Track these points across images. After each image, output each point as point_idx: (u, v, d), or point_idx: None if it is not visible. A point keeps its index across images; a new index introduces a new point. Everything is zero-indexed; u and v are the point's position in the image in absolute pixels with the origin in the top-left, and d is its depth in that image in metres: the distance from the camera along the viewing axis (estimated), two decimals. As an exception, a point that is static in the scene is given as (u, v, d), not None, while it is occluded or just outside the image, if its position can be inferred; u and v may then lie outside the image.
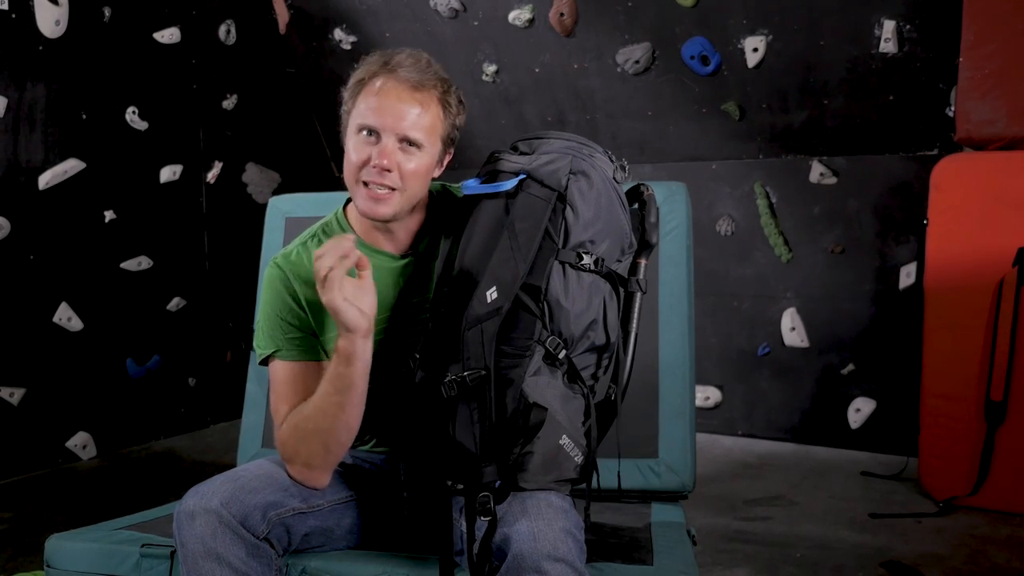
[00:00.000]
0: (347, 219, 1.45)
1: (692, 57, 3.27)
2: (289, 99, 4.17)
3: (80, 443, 3.26)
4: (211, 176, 3.79)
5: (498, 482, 1.19)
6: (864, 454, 3.24)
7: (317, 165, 4.30)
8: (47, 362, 3.16)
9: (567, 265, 1.24)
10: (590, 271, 1.26)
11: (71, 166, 3.21)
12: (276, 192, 3.99)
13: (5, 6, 2.96)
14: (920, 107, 3.06)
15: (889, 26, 2.94)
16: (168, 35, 3.54)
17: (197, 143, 3.73)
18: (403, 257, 1.41)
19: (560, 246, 1.25)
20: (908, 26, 2.93)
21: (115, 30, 3.33)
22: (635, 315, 1.37)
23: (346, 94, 1.37)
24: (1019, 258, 2.55)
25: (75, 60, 3.20)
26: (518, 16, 3.47)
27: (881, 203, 3.23)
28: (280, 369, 1.37)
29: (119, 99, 3.39)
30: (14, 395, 3.05)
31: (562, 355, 1.23)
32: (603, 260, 1.28)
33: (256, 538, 1.22)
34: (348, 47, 3.87)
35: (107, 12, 3.30)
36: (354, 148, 1.32)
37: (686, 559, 1.40)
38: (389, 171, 1.30)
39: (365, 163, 1.30)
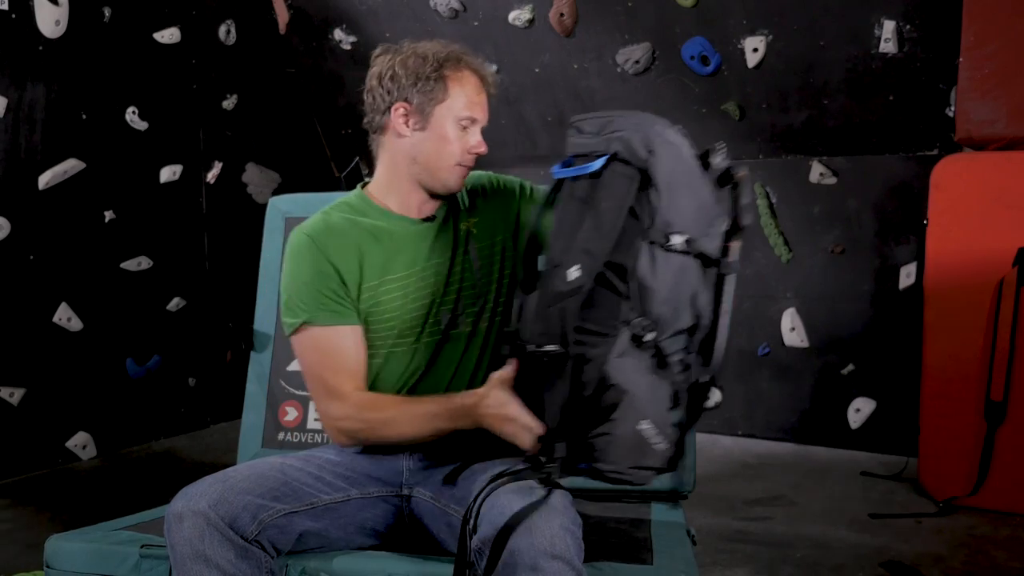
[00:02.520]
0: (371, 197, 1.54)
1: (692, 57, 3.27)
2: (289, 99, 4.17)
3: (80, 443, 3.26)
4: (211, 176, 3.79)
5: (562, 457, 1.19)
6: (864, 454, 3.24)
7: (317, 165, 4.30)
8: (47, 362, 3.16)
9: (654, 245, 1.20)
10: (679, 252, 1.21)
11: (71, 166, 3.21)
12: (276, 192, 3.99)
13: (5, 6, 2.96)
14: (920, 107, 3.06)
15: (889, 26, 2.94)
16: (168, 35, 3.54)
17: (197, 143, 3.73)
18: (424, 221, 1.52)
19: (647, 226, 1.21)
20: (908, 26, 2.93)
21: (115, 30, 3.33)
22: (727, 297, 1.32)
23: (421, 82, 1.45)
24: (1019, 258, 2.55)
25: (75, 60, 3.20)
26: (518, 16, 3.47)
27: (881, 203, 3.23)
28: (320, 336, 1.44)
29: (119, 99, 3.39)
30: (14, 395, 3.05)
31: (649, 337, 1.19)
32: (693, 240, 1.23)
33: (245, 540, 1.22)
34: (348, 47, 3.87)
35: (107, 12, 3.30)
36: (458, 136, 1.48)
37: (686, 559, 1.40)
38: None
39: (467, 147, 1.49)
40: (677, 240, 1.20)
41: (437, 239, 1.52)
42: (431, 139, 1.47)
